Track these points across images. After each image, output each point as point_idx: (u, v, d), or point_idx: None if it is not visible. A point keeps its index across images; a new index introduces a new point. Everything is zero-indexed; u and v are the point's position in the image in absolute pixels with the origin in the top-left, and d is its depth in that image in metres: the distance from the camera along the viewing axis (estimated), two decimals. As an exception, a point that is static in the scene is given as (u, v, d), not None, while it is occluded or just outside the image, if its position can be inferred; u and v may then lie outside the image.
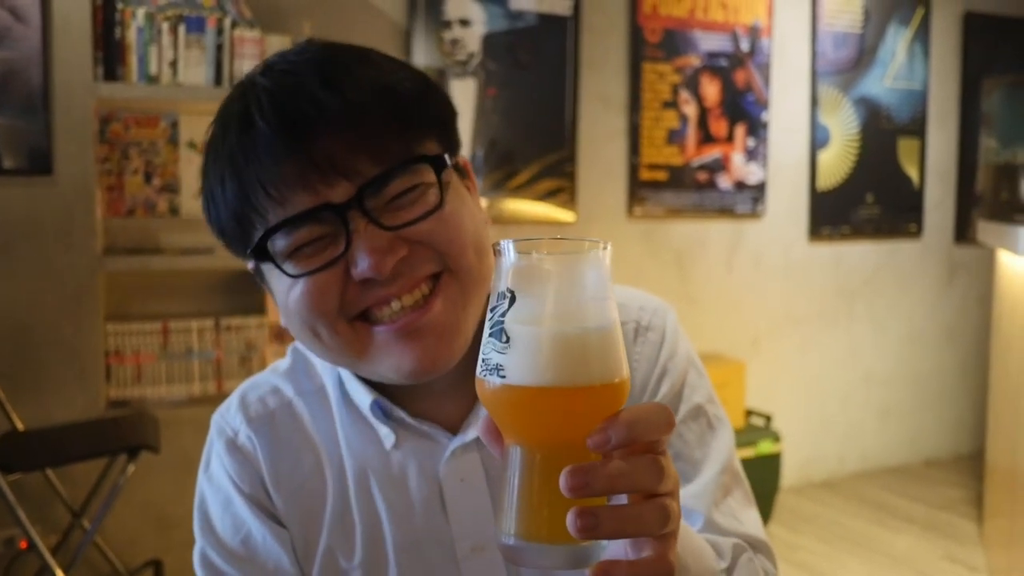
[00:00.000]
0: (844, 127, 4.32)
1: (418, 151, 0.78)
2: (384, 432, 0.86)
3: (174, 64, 2.80)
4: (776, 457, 3.78)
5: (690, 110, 3.93)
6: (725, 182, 4.02)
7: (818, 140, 4.25)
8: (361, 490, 0.86)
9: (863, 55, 4.34)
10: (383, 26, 3.33)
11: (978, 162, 4.70)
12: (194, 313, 2.99)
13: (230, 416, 0.90)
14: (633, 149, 3.83)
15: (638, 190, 3.84)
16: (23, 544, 2.45)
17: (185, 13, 2.81)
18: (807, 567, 3.38)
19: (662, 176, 3.88)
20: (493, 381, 0.56)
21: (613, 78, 3.78)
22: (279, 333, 3.01)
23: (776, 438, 3.78)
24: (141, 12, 2.76)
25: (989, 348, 3.69)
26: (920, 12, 4.46)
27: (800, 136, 4.23)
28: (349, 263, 0.76)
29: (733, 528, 0.84)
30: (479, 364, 0.58)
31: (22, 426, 2.57)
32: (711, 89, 3.97)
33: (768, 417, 3.88)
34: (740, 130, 4.05)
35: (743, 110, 4.05)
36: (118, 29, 2.74)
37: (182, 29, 2.79)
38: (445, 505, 0.85)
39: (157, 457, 2.46)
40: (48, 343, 2.69)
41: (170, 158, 3.00)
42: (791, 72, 4.18)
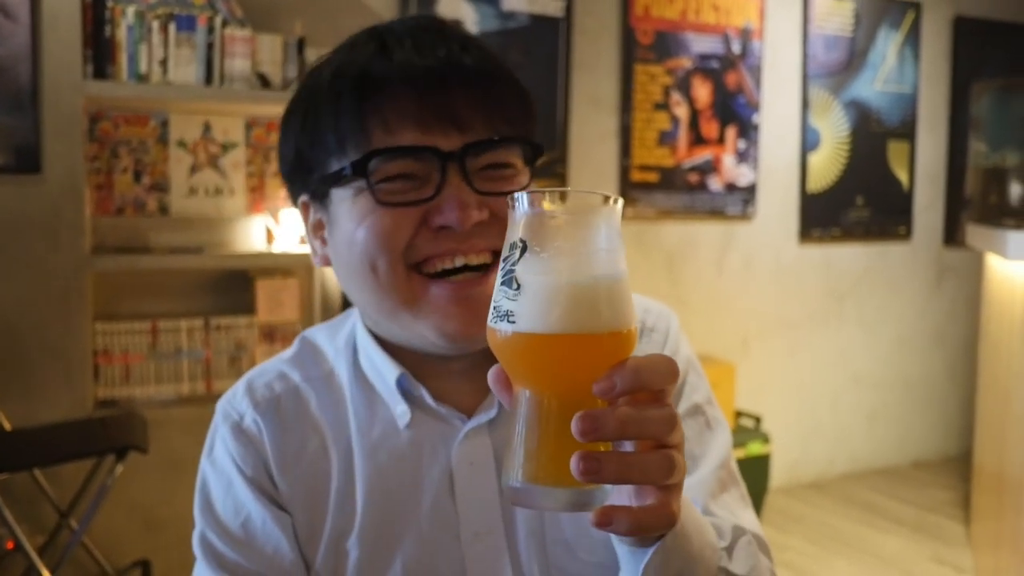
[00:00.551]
0: (834, 130, 4.33)
1: (524, 134, 0.84)
2: (400, 411, 0.87)
3: (164, 63, 2.78)
4: (765, 458, 3.79)
5: (681, 112, 3.94)
6: (716, 184, 4.03)
7: (809, 143, 4.26)
8: (370, 470, 0.86)
9: (854, 58, 4.35)
10: (375, 26, 3.32)
11: (967, 165, 4.72)
12: (183, 312, 2.97)
13: (236, 401, 0.90)
14: (624, 150, 3.83)
15: (629, 191, 3.84)
16: (10, 544, 2.43)
17: (175, 11, 2.80)
18: (796, 568, 3.38)
19: (653, 177, 3.88)
20: (503, 327, 0.57)
21: (604, 79, 3.78)
22: (269, 333, 3.00)
23: (765, 439, 3.79)
24: (131, 10, 2.75)
25: (977, 351, 3.70)
26: (911, 16, 4.48)
27: (791, 138, 4.24)
28: (431, 210, 0.79)
29: (730, 521, 0.84)
30: (490, 312, 0.59)
31: (9, 426, 2.55)
32: (702, 91, 3.97)
33: (758, 418, 3.89)
34: (731, 132, 4.06)
35: (734, 112, 4.06)
36: (108, 27, 2.73)
37: (172, 27, 2.78)
38: (454, 488, 0.86)
39: (146, 457, 2.45)
40: (35, 342, 2.68)
41: (160, 157, 2.98)
42: (782, 75, 4.19)
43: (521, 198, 0.59)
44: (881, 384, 4.60)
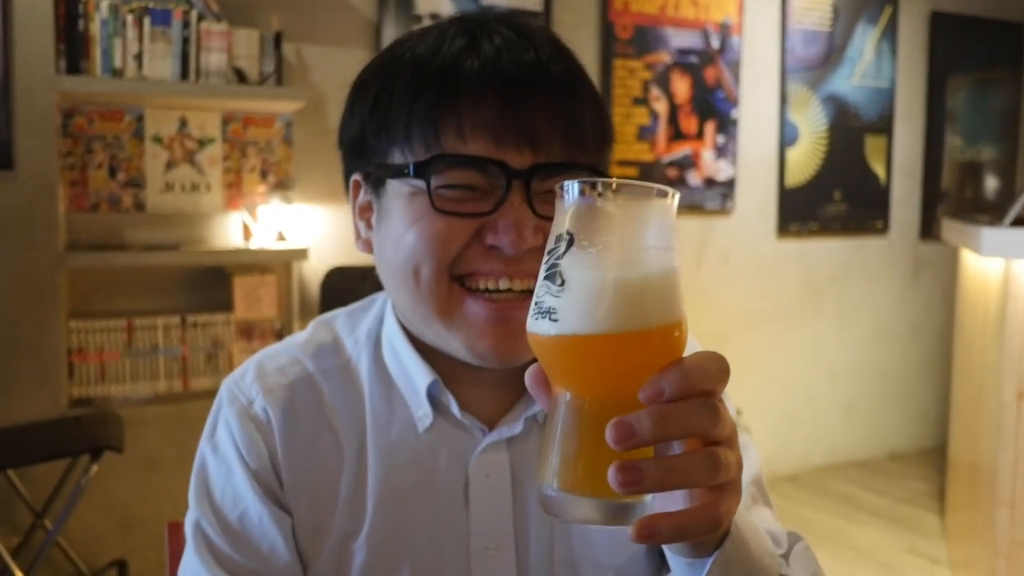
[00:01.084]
0: (812, 124, 4.35)
1: (596, 164, 0.81)
2: (421, 413, 0.85)
3: (139, 57, 2.75)
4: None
5: (660, 107, 3.94)
6: (695, 179, 4.04)
7: (787, 137, 4.28)
8: (383, 471, 0.84)
9: (832, 53, 4.37)
10: (352, 19, 3.30)
11: (943, 159, 4.76)
12: (159, 310, 2.95)
13: (245, 385, 0.87)
14: (604, 145, 3.83)
15: (608, 186, 3.83)
16: (-17, 545, 2.41)
17: (150, 5, 2.77)
18: (773, 561, 3.41)
19: (632, 172, 3.89)
20: (544, 326, 0.54)
21: (584, 74, 3.77)
22: (246, 330, 2.99)
23: (744, 432, 3.81)
24: (105, 4, 2.71)
25: (953, 344, 3.74)
26: (888, 11, 4.50)
27: (769, 133, 4.25)
28: (485, 225, 0.76)
29: (781, 527, 0.82)
30: (531, 308, 0.56)
31: (-18, 425, 2.53)
32: (681, 86, 3.98)
33: (736, 412, 3.91)
34: (710, 127, 4.07)
35: (713, 107, 4.07)
36: (81, 21, 2.70)
37: (147, 22, 2.75)
38: (468, 498, 0.84)
39: (122, 456, 2.43)
40: (9, 341, 2.64)
41: (135, 152, 2.95)
42: (761, 69, 4.20)
43: (571, 187, 0.55)
44: (858, 377, 4.64)
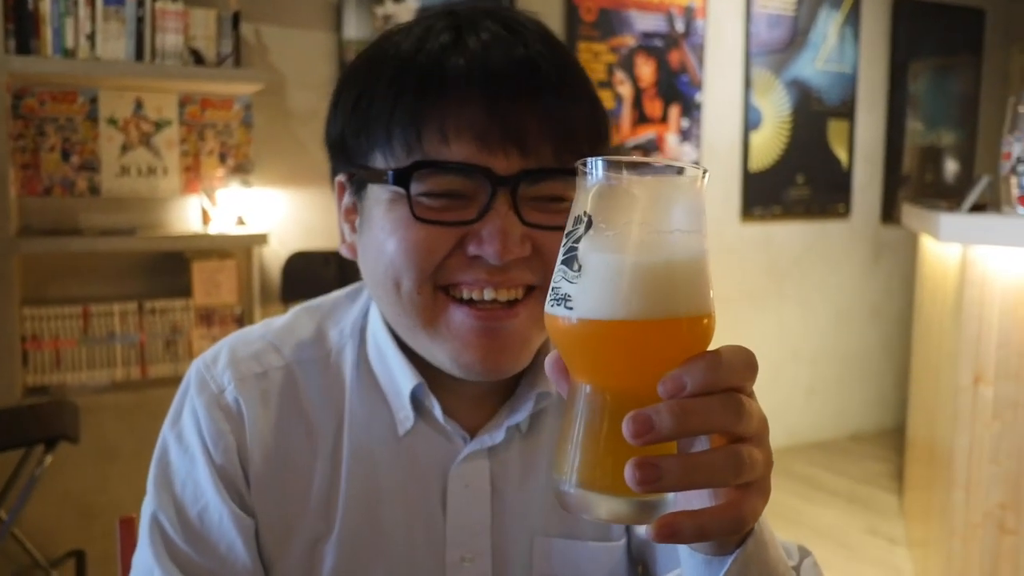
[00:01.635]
0: (776, 109, 4.37)
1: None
2: (403, 416, 0.81)
3: (92, 37, 2.68)
4: (707, 435, 3.84)
5: (625, 90, 3.93)
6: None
7: (751, 121, 4.30)
8: (359, 472, 0.81)
9: (796, 37, 4.39)
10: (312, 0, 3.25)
11: (905, 144, 4.81)
12: (116, 296, 2.90)
13: (217, 371, 0.82)
14: (568, 129, 3.81)
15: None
16: (-65, 537, 2.36)
17: (103, -16, 2.70)
18: (735, 542, 3.45)
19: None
20: (561, 313, 0.51)
21: (548, 57, 3.75)
22: (206, 316, 2.94)
23: (707, 416, 3.84)
24: (55, -18, 2.64)
25: (912, 327, 3.80)
26: (851, -5, 4.53)
27: (733, 117, 4.27)
28: (469, 234, 0.72)
29: (791, 541, 0.80)
30: (548, 293, 0.53)
31: (-68, 415, 2.47)
32: (646, 69, 3.97)
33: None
34: (674, 111, 4.07)
35: (677, 91, 4.07)
36: (31, 0, 2.62)
37: (100, 1, 2.68)
38: (446, 507, 0.82)
39: (78, 444, 2.39)
40: (-40, 328, 2.58)
41: (89, 135, 2.89)
42: (725, 53, 4.21)
43: (594, 164, 0.51)
44: (819, 359, 4.70)
